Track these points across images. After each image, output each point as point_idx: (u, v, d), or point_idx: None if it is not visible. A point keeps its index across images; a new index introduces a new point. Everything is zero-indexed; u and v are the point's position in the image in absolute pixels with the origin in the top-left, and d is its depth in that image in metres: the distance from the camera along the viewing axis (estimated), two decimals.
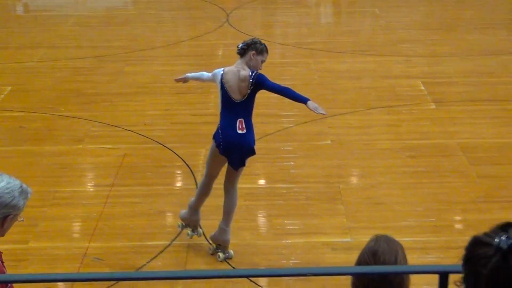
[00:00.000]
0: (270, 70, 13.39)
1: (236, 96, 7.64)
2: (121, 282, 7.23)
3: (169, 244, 8.20)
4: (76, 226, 8.98)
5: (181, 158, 10.17)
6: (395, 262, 4.23)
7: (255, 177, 9.73)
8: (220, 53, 15.00)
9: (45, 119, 11.67)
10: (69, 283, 7.47)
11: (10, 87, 13.17)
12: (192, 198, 8.13)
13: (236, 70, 7.64)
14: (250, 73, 7.56)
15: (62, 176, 9.88)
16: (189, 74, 8.53)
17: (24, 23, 18.48)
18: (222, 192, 7.97)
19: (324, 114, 7.91)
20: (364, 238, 8.15)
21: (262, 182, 9.81)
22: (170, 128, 11.35)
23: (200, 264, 7.91)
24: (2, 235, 4.69)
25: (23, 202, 4.59)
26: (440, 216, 8.72)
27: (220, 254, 7.76)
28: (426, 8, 18.35)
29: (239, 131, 7.64)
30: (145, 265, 7.84)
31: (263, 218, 9.01)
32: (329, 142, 10.78)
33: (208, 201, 8.89)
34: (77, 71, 14.10)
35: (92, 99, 12.54)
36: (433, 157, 10.18)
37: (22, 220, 4.72)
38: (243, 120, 7.67)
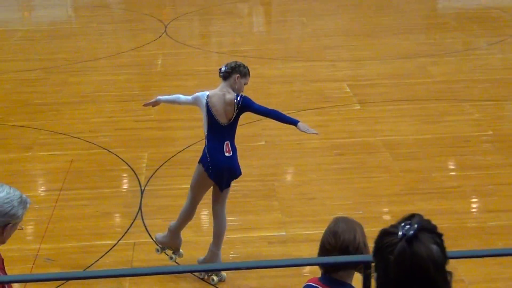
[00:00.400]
0: (208, 78, 13.46)
1: (223, 120, 7.25)
2: (71, 281, 7.16)
3: (116, 243, 8.16)
4: (28, 229, 8.84)
5: (125, 162, 10.12)
6: (354, 239, 4.38)
7: None
8: (159, 62, 14.94)
9: None
10: (22, 284, 7.40)
11: None
12: (173, 222, 7.69)
13: (221, 94, 7.26)
14: (236, 97, 7.26)
15: (13, 182, 9.66)
16: (161, 97, 7.87)
17: None
18: (166, 192, 7.95)
19: (316, 134, 7.79)
20: (298, 231, 8.34)
21: None
22: (114, 134, 11.27)
23: (145, 262, 7.88)
24: (3, 243, 4.64)
25: (22, 211, 4.53)
26: (367, 208, 8.82)
27: (214, 277, 7.46)
28: (348, 16, 18.57)
29: (227, 154, 7.33)
30: (93, 263, 7.77)
31: (204, 216, 8.99)
32: (263, 143, 10.84)
33: (151, 201, 8.94)
34: (25, 83, 13.92)
35: (39, 108, 12.39)
36: (360, 154, 10.30)
37: (22, 228, 4.68)
38: (229, 143, 7.34)
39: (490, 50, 15.17)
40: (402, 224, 2.72)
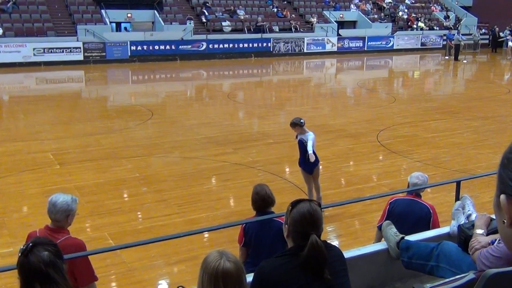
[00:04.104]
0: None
1: None
2: None
3: None
4: None
5: None
6: (266, 194, 4.79)
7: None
8: None
9: None
10: None
11: None
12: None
13: (310, 131, 8.28)
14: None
15: None
16: (310, 151, 7.94)
17: None
18: None
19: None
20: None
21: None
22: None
23: None
24: (69, 225, 4.57)
25: (74, 206, 4.50)
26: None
27: None
28: (52, 113, 17.45)
29: None
30: None
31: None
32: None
33: None
34: None
35: None
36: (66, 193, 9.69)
37: (78, 214, 4.67)
38: None
39: (136, 128, 15.28)
40: (23, 245, 2.55)
